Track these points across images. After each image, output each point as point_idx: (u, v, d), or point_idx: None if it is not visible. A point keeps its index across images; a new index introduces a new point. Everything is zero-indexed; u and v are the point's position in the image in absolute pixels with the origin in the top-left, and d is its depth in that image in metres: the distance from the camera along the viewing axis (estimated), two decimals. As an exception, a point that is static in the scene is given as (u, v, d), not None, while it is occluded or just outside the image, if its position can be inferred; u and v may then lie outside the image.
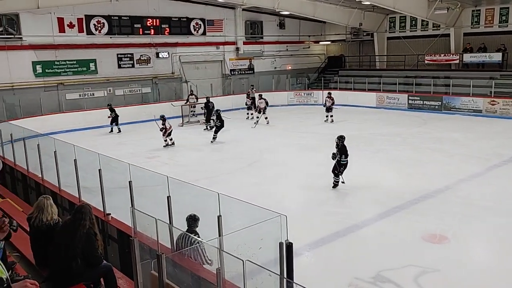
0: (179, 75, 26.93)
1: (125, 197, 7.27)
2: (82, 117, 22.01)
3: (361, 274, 7.05)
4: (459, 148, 15.42)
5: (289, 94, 28.80)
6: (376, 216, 9.64)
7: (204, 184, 10.12)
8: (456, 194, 10.83)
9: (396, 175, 12.55)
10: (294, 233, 4.98)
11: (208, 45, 27.92)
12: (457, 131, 18.29)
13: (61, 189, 9.18)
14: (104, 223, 7.47)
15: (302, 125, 21.41)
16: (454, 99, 23.42)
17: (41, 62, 21.97)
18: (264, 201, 9.17)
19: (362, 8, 27.77)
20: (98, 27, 23.44)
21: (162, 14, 25.44)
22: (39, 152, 10.01)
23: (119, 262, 6.82)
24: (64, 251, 4.78)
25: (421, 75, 26.30)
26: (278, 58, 31.80)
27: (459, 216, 9.44)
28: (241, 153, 15.82)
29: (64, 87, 22.74)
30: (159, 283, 3.93)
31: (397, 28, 29.67)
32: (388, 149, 15.71)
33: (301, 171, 13.43)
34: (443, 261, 7.45)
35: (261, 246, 5.22)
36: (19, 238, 6.21)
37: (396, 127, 19.89)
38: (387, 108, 25.61)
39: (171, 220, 6.25)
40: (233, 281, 4.65)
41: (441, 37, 27.24)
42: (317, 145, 16.76)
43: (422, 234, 8.46)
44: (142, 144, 18.07)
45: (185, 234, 5.92)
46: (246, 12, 29.07)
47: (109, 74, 24.20)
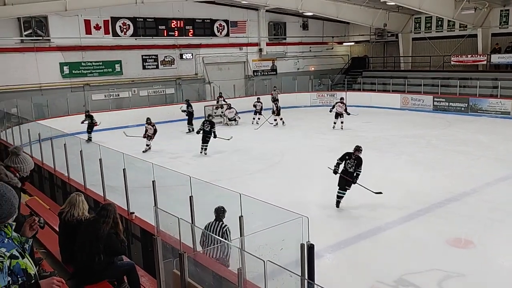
0: (202, 76, 27.13)
1: (149, 196, 7.37)
2: (107, 117, 22.34)
3: (384, 277, 6.98)
4: (485, 151, 15.09)
5: (312, 95, 28.67)
6: (399, 219, 9.52)
7: (226, 184, 10.16)
8: (482, 198, 10.61)
9: (420, 178, 12.36)
10: (316, 235, 4.97)
11: (231, 46, 28.05)
12: (483, 134, 17.91)
13: (86, 188, 9.35)
14: (128, 222, 7.59)
15: (324, 127, 21.27)
16: (481, 100, 22.92)
17: (68, 63, 22.46)
18: (286, 202, 9.16)
19: (387, 9, 27.45)
20: (123, 29, 23.82)
21: (186, 15, 25.67)
22: (65, 151, 10.23)
23: (142, 260, 6.92)
24: (88, 249, 4.89)
25: (447, 76, 25.83)
26: (301, 59, 31.70)
27: (485, 221, 9.25)
28: (263, 154, 15.83)
29: (90, 87, 23.19)
30: (181, 282, 3.97)
31: (422, 28, 29.22)
32: (412, 151, 15.49)
33: (323, 172, 13.32)
34: (468, 266, 7.31)
35: (282, 247, 5.22)
36: (46, 235, 6.36)
37: (421, 129, 19.59)
38: (412, 110, 25.24)
39: (193, 219, 6.30)
40: (254, 281, 4.66)
41: (468, 37, 26.73)
42: (340, 146, 16.57)
43: (446, 238, 8.32)
44: (166, 144, 18.25)
45: (215, 221, 6.38)
46: (269, 13, 29.09)
47: (133, 75, 24.56)
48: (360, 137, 18.18)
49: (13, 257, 2.65)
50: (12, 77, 20.85)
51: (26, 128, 13.81)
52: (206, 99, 26.22)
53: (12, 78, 20.83)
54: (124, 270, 5.19)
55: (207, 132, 15.94)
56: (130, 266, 5.23)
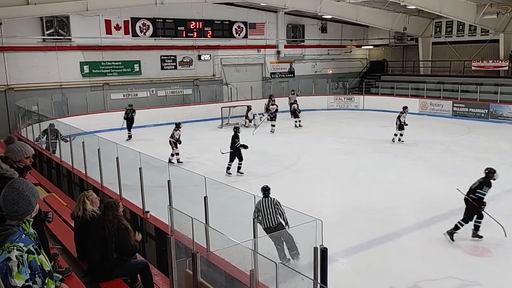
0: (220, 78, 27.23)
1: (164, 195, 7.42)
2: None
3: (398, 283, 6.90)
4: (505, 158, 14.81)
5: (329, 99, 28.53)
6: (415, 225, 9.41)
7: (241, 186, 10.19)
8: (501, 206, 10.41)
9: (437, 184, 12.20)
10: (330, 239, 4.94)
11: (249, 48, 28.10)
12: (504, 140, 17.58)
13: (103, 186, 9.47)
14: (142, 220, 7.65)
15: (341, 130, 21.17)
16: (502, 107, 22.53)
17: (88, 62, 22.77)
18: (300, 205, 9.13)
19: (407, 12, 27.19)
20: (143, 29, 24.06)
21: (205, 17, 25.82)
22: (83, 149, 10.36)
23: (156, 259, 6.96)
24: (99, 247, 4.95)
25: (467, 81, 25.46)
26: (319, 62, 31.59)
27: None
28: (278, 156, 15.80)
29: (109, 87, 23.47)
30: (194, 281, 3.99)
31: (443, 33, 28.86)
32: (429, 157, 15.30)
33: (339, 176, 13.29)
34: (485, 275, 7.19)
35: (295, 250, 5.21)
36: (63, 232, 6.47)
37: (439, 135, 19.34)
38: (430, 115, 24.93)
39: (207, 219, 6.33)
40: (266, 283, 4.66)
41: (489, 42, 26.32)
42: (356, 150, 16.54)
43: (463, 246, 8.19)
44: (182, 144, 18.32)
45: (264, 198, 7.21)
46: (288, 15, 29.07)
47: (152, 75, 24.79)
48: (376, 142, 18.05)
49: (30, 252, 2.70)
50: (34, 75, 21.24)
51: (46, 126, 14.05)
52: (223, 100, 26.29)
53: (33, 77, 21.22)
54: (137, 268, 5.23)
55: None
56: (143, 265, 5.27)
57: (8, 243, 2.62)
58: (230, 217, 8.86)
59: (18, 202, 2.75)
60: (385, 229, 9.11)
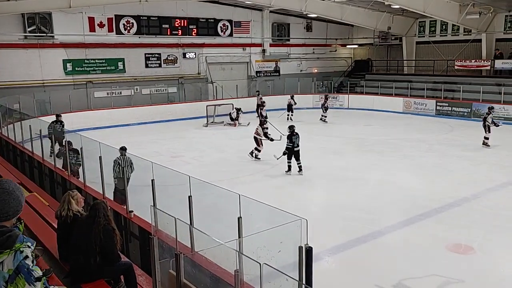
0: (205, 76, 27.13)
1: (148, 195, 7.34)
2: (109, 115, 22.39)
3: (382, 282, 6.93)
4: (487, 157, 15.03)
5: (315, 97, 28.62)
6: (399, 223, 9.47)
7: (226, 185, 10.15)
8: (483, 204, 10.56)
9: (421, 182, 12.31)
10: (315, 238, 4.94)
11: (235, 47, 28.04)
12: (486, 139, 17.81)
13: (86, 185, 9.33)
14: (126, 220, 7.56)
15: (326, 129, 21.26)
16: (484, 106, 22.78)
17: (71, 60, 22.47)
18: (286, 204, 9.13)
19: (391, 12, 27.39)
20: (127, 27, 23.83)
21: (190, 15, 25.68)
22: (66, 148, 10.21)
23: (140, 259, 6.88)
24: (83, 247, 4.84)
25: (450, 81, 25.77)
26: (305, 60, 31.67)
27: (486, 227, 9.19)
28: (264, 155, 15.78)
29: (92, 85, 23.20)
30: (177, 282, 3.94)
31: (426, 32, 29.17)
32: (413, 156, 15.44)
33: (324, 174, 13.33)
34: (468, 272, 7.26)
35: (280, 250, 5.19)
36: (44, 232, 6.34)
37: (423, 133, 19.54)
38: (414, 114, 25.19)
39: (191, 219, 6.27)
40: (252, 283, 4.62)
41: (472, 42, 26.66)
42: (341, 149, 16.62)
43: (446, 244, 8.26)
44: (167, 143, 18.25)
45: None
46: (273, 14, 29.08)
47: (136, 73, 24.57)
48: (361, 140, 18.17)
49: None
50: (15, 73, 20.90)
51: (28, 124, 13.81)
52: (208, 99, 26.20)
53: (15, 74, 20.88)
54: (121, 269, 5.14)
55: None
56: (127, 266, 5.19)
57: (18, 244, 2.59)
58: (215, 216, 8.81)
59: (9, 202, 2.70)
60: (370, 227, 9.15)
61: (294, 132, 13.20)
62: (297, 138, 13.17)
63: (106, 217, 4.96)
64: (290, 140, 13.07)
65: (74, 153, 10.50)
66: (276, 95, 27.36)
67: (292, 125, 13.57)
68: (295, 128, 13.44)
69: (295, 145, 13.03)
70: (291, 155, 13.11)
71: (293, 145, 13.01)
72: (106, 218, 4.95)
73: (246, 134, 19.94)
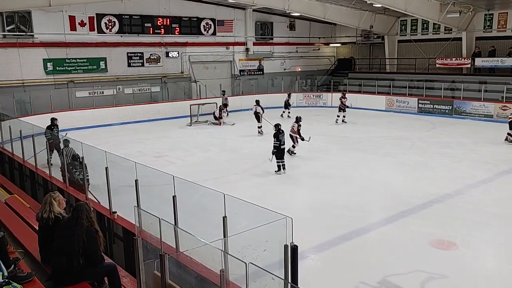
0: (188, 75, 26.99)
1: (132, 195, 7.27)
2: (91, 115, 22.13)
3: (367, 278, 6.98)
4: (468, 153, 15.26)
5: (298, 96, 28.71)
6: (383, 220, 9.56)
7: (211, 184, 10.11)
8: (465, 200, 10.72)
9: (404, 179, 12.45)
10: (300, 236, 4.93)
11: (218, 45, 27.95)
12: (467, 136, 18.11)
13: (68, 186, 9.21)
14: (109, 221, 7.48)
15: (310, 127, 21.29)
16: (465, 103, 23.20)
17: (52, 59, 22.12)
18: (271, 202, 9.14)
19: (373, 11, 27.62)
20: (109, 26, 23.55)
21: (172, 13, 25.51)
22: (47, 149, 10.05)
23: (124, 260, 6.82)
24: (65, 249, 4.76)
25: (431, 79, 26.09)
26: (288, 59, 31.73)
27: (468, 222, 9.34)
28: (249, 154, 15.79)
29: (74, 85, 22.88)
30: (162, 283, 3.90)
31: (408, 31, 29.48)
32: (396, 153, 15.60)
33: (309, 173, 13.38)
34: (451, 267, 7.36)
35: (265, 248, 5.18)
36: (25, 234, 6.24)
37: (405, 131, 19.76)
38: (397, 112, 25.45)
39: (176, 219, 6.24)
40: (237, 282, 4.61)
41: (452, 40, 27.03)
42: (325, 147, 16.71)
43: (429, 240, 8.36)
44: (151, 143, 18.11)
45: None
46: (256, 12, 29.07)
47: (118, 72, 24.32)
48: (345, 138, 18.28)
49: None
50: (-6, 72, 20.49)
51: (7, 125, 13.57)
52: (192, 98, 26.08)
53: (-7, 74, 20.47)
54: (105, 271, 5.08)
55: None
56: (111, 268, 5.12)
57: None
58: (200, 216, 8.77)
59: None
60: (355, 225, 9.22)
61: (280, 130, 13.21)
62: (283, 136, 13.18)
63: (89, 218, 4.88)
64: (277, 138, 13.06)
65: (78, 164, 9.22)
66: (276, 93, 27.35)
67: (278, 123, 13.58)
68: (281, 126, 13.45)
69: (281, 143, 13.04)
70: (278, 154, 13.08)
71: (280, 143, 13.01)
72: (89, 220, 4.87)
73: (231, 133, 19.93)
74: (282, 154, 13.10)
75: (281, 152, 13.07)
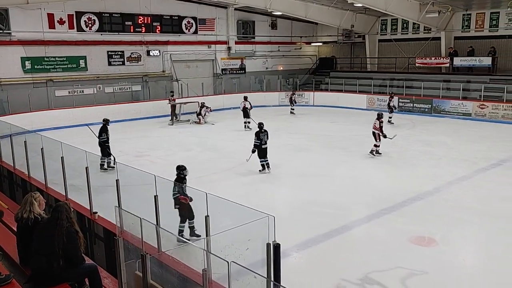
0: (170, 74, 26.80)
1: (113, 195, 7.19)
2: (71, 115, 21.81)
3: (349, 275, 7.03)
4: (447, 151, 15.50)
5: (280, 95, 28.77)
6: (365, 217, 9.64)
7: (193, 183, 10.04)
8: (445, 197, 10.87)
9: (385, 177, 12.58)
10: (282, 234, 4.94)
11: (200, 44, 27.83)
12: (446, 134, 18.38)
13: (47, 187, 9.07)
14: (90, 222, 7.39)
15: (293, 126, 21.40)
16: (444, 102, 23.56)
17: (30, 58, 21.72)
18: (253, 201, 9.15)
19: (354, 10, 27.84)
20: (88, 24, 23.24)
21: (153, 12, 25.29)
22: (26, 149, 9.88)
23: (105, 261, 6.74)
24: (45, 250, 4.68)
25: (411, 78, 26.41)
26: (270, 58, 31.77)
27: (448, 219, 9.47)
28: (231, 153, 15.75)
29: (53, 83, 22.52)
30: (143, 283, 3.87)
31: (388, 30, 29.79)
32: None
33: (291, 171, 13.41)
34: (431, 263, 7.45)
35: (248, 247, 5.19)
36: (3, 236, 6.11)
37: (386, 129, 19.89)
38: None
39: (158, 219, 6.19)
40: (220, 281, 4.60)
41: (432, 40, 27.41)
42: (308, 145, 16.77)
43: (410, 237, 8.47)
44: (132, 142, 17.94)
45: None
46: (238, 11, 29.02)
47: (99, 71, 24.01)
48: (327, 137, 18.39)
49: None
50: (-30, 71, 20.05)
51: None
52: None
53: (-31, 73, 20.03)
54: (85, 272, 5.00)
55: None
56: (92, 268, 5.05)
57: None
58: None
59: None
60: (337, 222, 9.28)
61: (262, 129, 13.17)
62: (265, 135, 13.11)
63: (69, 219, 4.80)
64: (258, 137, 13.00)
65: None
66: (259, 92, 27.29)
67: (260, 122, 13.54)
68: (263, 125, 13.42)
69: (262, 142, 12.99)
70: (260, 153, 13.02)
71: (261, 142, 12.96)
72: (69, 220, 4.79)
73: (213, 132, 19.87)
74: (265, 154, 13.05)
75: (263, 151, 13.01)
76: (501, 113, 20.78)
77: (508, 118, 20.55)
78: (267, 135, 13.15)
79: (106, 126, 13.54)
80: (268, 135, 13.20)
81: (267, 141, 13.14)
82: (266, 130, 13.22)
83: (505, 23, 24.46)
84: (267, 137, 13.15)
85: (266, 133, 13.14)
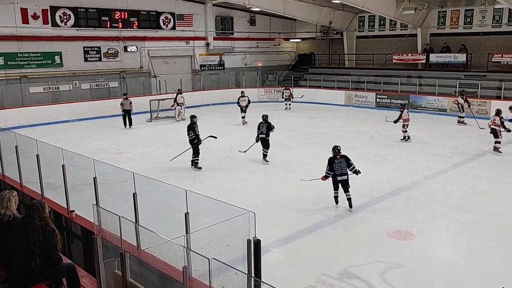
0: (148, 70, 26.52)
1: (91, 193, 7.09)
2: (47, 111, 21.40)
3: (329, 270, 7.10)
4: (424, 146, 15.76)
5: (260, 91, 28.78)
6: (344, 212, 9.73)
7: (173, 181, 10.00)
8: (421, 191, 11.06)
9: (363, 172, 12.65)
10: (263, 230, 4.95)
11: (178, 40, 27.60)
12: (423, 130, 18.67)
13: (22, 185, 8.89)
14: (67, 220, 7.27)
15: (272, 122, 21.38)
16: (420, 98, 23.94)
17: (3, 54, 21.19)
18: (233, 198, 9.13)
19: (332, 7, 28.01)
20: (64, 19, 22.79)
21: (130, 7, 24.96)
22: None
23: (84, 260, 6.65)
24: (20, 250, 4.58)
25: (389, 74, 26.75)
26: (249, 54, 31.73)
27: (425, 213, 9.64)
28: (211, 150, 15.66)
29: (27, 80, 22.02)
30: (123, 282, 3.82)
31: (366, 27, 30.07)
32: (355, 147, 15.85)
33: (271, 167, 13.44)
34: (409, 257, 7.58)
35: (228, 244, 5.18)
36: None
37: (364, 125, 20.16)
38: (356, 106, 25.95)
39: (137, 217, 6.13)
40: (200, 279, 4.59)
41: (408, 37, 27.78)
42: (287, 141, 16.82)
43: (388, 231, 8.59)
44: (110, 139, 17.71)
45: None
46: (216, 7, 28.87)
47: (75, 67, 23.59)
48: (306, 133, 18.49)
49: None
50: None
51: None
52: (151, 93, 25.67)
53: None
54: (63, 272, 4.92)
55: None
56: (70, 268, 4.97)
57: None
58: (162, 213, 8.67)
59: None
60: (316, 217, 9.35)
61: (263, 121, 13.91)
62: (264, 126, 13.81)
63: (41, 217, 4.69)
64: (258, 128, 13.93)
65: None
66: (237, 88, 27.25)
67: (264, 114, 14.22)
68: (266, 117, 14.06)
69: (259, 132, 13.79)
70: (261, 143, 13.83)
71: (259, 132, 13.77)
72: (42, 219, 4.69)
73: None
74: (263, 144, 13.83)
75: (261, 141, 13.81)
76: (476, 108, 21.19)
77: (482, 113, 20.97)
78: (266, 126, 13.78)
79: (191, 124, 13.17)
80: (268, 127, 13.81)
81: (265, 132, 13.76)
82: (268, 122, 13.86)
83: (478, 21, 24.97)
84: (266, 129, 13.77)
85: (265, 125, 13.80)
